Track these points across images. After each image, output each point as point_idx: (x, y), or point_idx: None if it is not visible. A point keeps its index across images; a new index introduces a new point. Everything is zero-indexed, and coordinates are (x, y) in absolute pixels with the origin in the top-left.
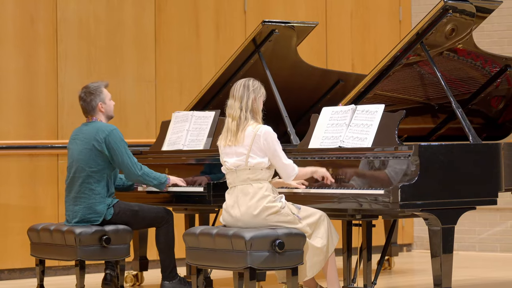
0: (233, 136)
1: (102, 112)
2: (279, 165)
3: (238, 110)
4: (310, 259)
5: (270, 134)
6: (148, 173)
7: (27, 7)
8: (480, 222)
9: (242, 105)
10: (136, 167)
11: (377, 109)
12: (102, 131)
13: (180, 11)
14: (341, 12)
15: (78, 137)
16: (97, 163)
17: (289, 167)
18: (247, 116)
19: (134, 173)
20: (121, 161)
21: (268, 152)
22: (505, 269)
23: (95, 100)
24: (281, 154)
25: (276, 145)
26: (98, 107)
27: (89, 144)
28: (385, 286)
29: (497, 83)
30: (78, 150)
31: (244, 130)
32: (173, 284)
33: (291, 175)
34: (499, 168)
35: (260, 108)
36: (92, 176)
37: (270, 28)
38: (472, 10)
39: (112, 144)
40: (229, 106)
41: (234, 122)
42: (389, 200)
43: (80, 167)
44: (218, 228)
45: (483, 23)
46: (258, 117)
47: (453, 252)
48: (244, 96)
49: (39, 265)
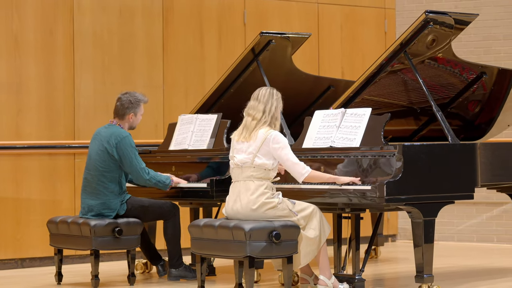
0: (247, 133)
1: (128, 122)
2: (289, 166)
3: (261, 113)
4: (304, 248)
5: (279, 138)
6: (154, 177)
7: (47, 20)
8: (458, 215)
9: (266, 109)
10: (144, 172)
11: (365, 112)
12: (115, 137)
13: (185, 24)
14: (332, 24)
15: (97, 137)
16: (108, 164)
17: (299, 166)
18: (267, 120)
19: (142, 178)
20: (130, 166)
21: (276, 155)
22: (480, 258)
23: (130, 110)
24: (291, 156)
25: (285, 148)
26: (127, 116)
27: (102, 146)
28: (372, 273)
29: (473, 88)
30: (95, 150)
31: (257, 131)
32: (179, 271)
33: (302, 174)
34: (476, 166)
35: (279, 117)
36: (105, 176)
37: (267, 39)
38: (451, 22)
39: (122, 150)
40: (251, 107)
41: (254, 121)
42: (375, 195)
43: (95, 166)
44: (220, 221)
45: (461, 34)
46: (276, 124)
47: (434, 242)
48: (269, 102)
49: (58, 254)
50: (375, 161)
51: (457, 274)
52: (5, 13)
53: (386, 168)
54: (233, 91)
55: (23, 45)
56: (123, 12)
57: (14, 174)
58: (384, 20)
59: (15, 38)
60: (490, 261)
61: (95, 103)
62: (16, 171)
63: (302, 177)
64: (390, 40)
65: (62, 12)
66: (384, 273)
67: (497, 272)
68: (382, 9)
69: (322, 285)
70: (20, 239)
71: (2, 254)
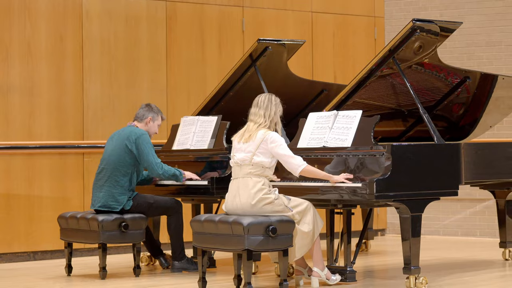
0: (248, 136)
1: (145, 126)
2: (286, 160)
3: (262, 118)
4: (299, 242)
5: (275, 138)
6: (167, 171)
7: (57, 27)
8: (443, 211)
9: (266, 114)
10: (158, 166)
11: (356, 114)
12: (135, 133)
13: (188, 31)
14: (325, 31)
15: (115, 136)
16: (125, 159)
17: (296, 159)
18: (267, 124)
19: (156, 171)
20: (147, 160)
21: (274, 153)
22: (464, 251)
23: (149, 114)
24: (287, 152)
25: (281, 146)
26: (146, 120)
27: (122, 143)
28: (362, 265)
29: (458, 92)
30: (112, 147)
31: (257, 132)
32: (182, 263)
33: (299, 166)
34: (460, 165)
35: (279, 121)
36: (119, 170)
37: (264, 45)
38: (436, 29)
39: (140, 145)
40: (253, 113)
41: (255, 125)
42: (366, 192)
43: (110, 161)
44: (220, 216)
45: (446, 41)
46: (277, 128)
47: (420, 236)
48: (269, 107)
49: (67, 247)
50: (366, 160)
51: (443, 266)
52: (18, 21)
53: (375, 167)
54: (233, 94)
55: (35, 51)
56: (128, 20)
57: (26, 172)
58: (374, 28)
59: (28, 44)
60: (473, 254)
61: (102, 105)
62: (29, 170)
63: (299, 168)
64: (379, 46)
65: (72, 20)
66: (374, 265)
67: (480, 264)
68: (372, 18)
69: (315, 276)
70: (32, 233)
71: (15, 247)
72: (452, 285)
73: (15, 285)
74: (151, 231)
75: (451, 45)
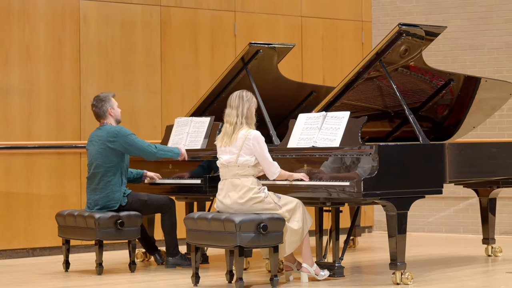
0: (228, 138)
1: (111, 116)
2: (265, 164)
3: (235, 117)
4: (289, 238)
5: (258, 138)
6: (163, 148)
7: (56, 31)
8: (428, 208)
9: (238, 113)
10: (150, 148)
11: (344, 115)
12: (112, 132)
13: (181, 35)
14: (314, 35)
15: (94, 140)
16: (111, 160)
17: (273, 166)
18: (242, 121)
19: (151, 153)
20: (137, 148)
21: (256, 153)
22: (448, 247)
23: (105, 106)
24: (267, 155)
25: (263, 147)
26: (108, 111)
27: (103, 145)
28: (350, 261)
29: (442, 94)
30: (95, 151)
31: (237, 133)
32: (176, 259)
33: (274, 173)
34: (444, 164)
35: (253, 115)
36: (108, 171)
37: (255, 49)
38: (422, 34)
39: (124, 140)
40: (227, 114)
41: (231, 127)
42: (353, 190)
43: (98, 164)
44: (212, 214)
45: (431, 44)
46: (252, 123)
47: (406, 233)
48: (240, 106)
49: (65, 244)
50: (353, 160)
51: (427, 262)
52: (18, 25)
53: (363, 166)
54: (225, 96)
55: (34, 54)
56: (124, 25)
57: (25, 171)
58: (361, 32)
59: (27, 47)
60: (457, 250)
61: None
62: (28, 169)
63: (274, 175)
64: (366, 50)
65: (70, 24)
66: (361, 261)
67: (463, 260)
68: (359, 22)
69: (305, 272)
70: (31, 230)
71: (15, 244)
72: (436, 280)
73: (14, 281)
74: (145, 228)
75: (436, 49)
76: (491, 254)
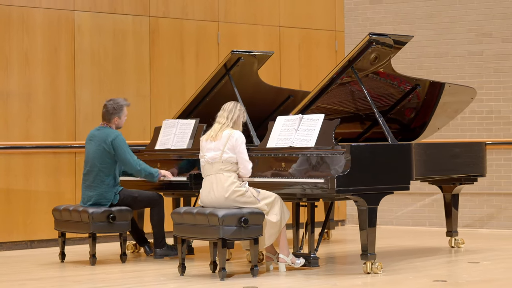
0: (214, 134)
1: (114, 124)
2: (242, 161)
3: (225, 119)
4: (268, 231)
5: (240, 137)
6: (144, 169)
7: (52, 40)
8: (396, 203)
9: (229, 116)
10: (136, 163)
11: (319, 117)
12: (110, 136)
13: (169, 44)
14: (291, 44)
15: (92, 139)
16: (106, 161)
17: (249, 165)
18: (229, 124)
19: (134, 168)
20: (124, 159)
21: (236, 150)
22: (415, 239)
23: (114, 115)
24: (245, 154)
25: (242, 146)
26: (113, 120)
27: (100, 146)
28: (325, 252)
29: (409, 98)
30: (92, 150)
31: (222, 131)
32: (163, 250)
33: (249, 172)
34: (411, 163)
35: (240, 124)
36: (102, 171)
37: (237, 56)
38: (390, 42)
39: (117, 146)
40: (219, 115)
41: (219, 125)
42: (327, 186)
43: (93, 163)
44: (197, 208)
45: (399, 52)
46: (238, 129)
47: (376, 226)
48: (232, 111)
49: (61, 237)
50: (327, 159)
51: (396, 252)
52: (17, 34)
53: (336, 165)
54: (209, 100)
55: (32, 61)
56: (116, 34)
57: (24, 170)
58: (335, 40)
59: (26, 55)
60: (423, 242)
61: (93, 110)
62: (26, 168)
63: (248, 173)
64: (340, 57)
65: (65, 33)
66: (335, 252)
67: (429, 251)
68: (333, 32)
69: (281, 262)
70: (29, 224)
71: (14, 236)
72: (404, 269)
73: (13, 271)
74: (136, 222)
75: (404, 56)
76: (454, 246)
